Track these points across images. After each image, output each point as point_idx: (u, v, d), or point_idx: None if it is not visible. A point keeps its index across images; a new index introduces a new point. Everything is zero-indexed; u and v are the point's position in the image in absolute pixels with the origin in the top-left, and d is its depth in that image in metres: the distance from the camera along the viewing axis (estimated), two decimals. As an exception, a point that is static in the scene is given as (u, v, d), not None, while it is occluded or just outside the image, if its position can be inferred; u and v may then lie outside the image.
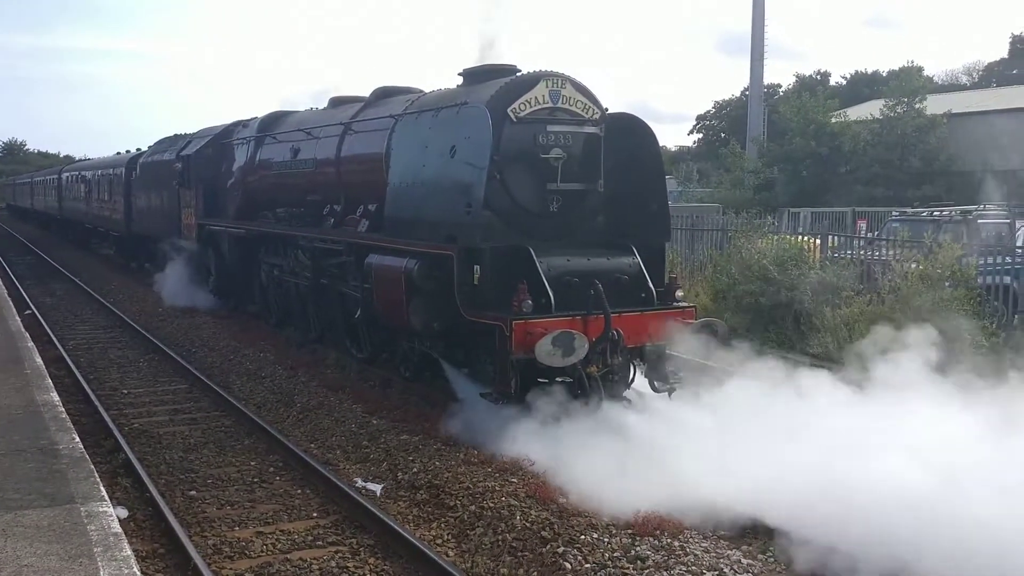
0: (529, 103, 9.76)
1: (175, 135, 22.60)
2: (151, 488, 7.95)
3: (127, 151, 28.73)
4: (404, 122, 11.26)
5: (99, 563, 4.09)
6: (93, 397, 11.36)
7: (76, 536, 4.43)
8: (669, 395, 9.62)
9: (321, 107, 15.54)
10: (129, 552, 4.22)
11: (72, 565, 4.10)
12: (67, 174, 38.64)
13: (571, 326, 8.82)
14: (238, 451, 9.48)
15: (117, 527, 4.62)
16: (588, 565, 6.35)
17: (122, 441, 9.45)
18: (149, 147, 24.50)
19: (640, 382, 9.86)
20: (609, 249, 10.03)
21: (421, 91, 12.34)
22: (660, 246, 10.58)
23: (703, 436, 8.00)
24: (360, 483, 8.37)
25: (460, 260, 9.20)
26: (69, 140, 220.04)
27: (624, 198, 10.36)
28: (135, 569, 4.05)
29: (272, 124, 16.26)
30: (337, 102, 14.63)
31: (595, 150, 10.14)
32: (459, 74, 11.01)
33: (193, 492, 8.20)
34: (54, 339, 15.41)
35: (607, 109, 10.30)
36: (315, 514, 7.68)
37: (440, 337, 10.17)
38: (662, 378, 9.73)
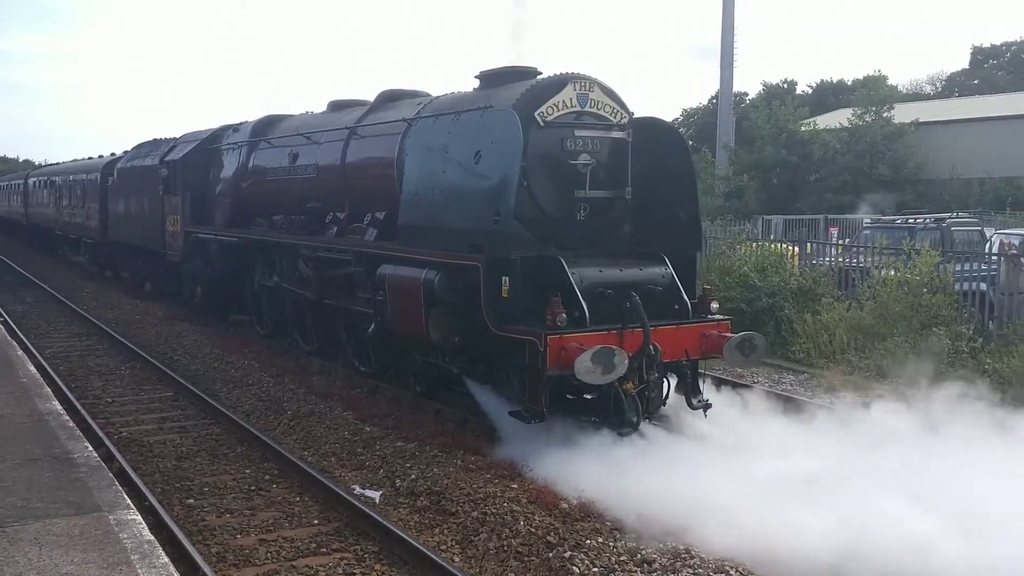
0: (556, 107, 9.40)
1: (155, 139, 22.07)
2: (149, 497, 7.86)
3: (100, 155, 28.32)
4: (419, 126, 10.75)
5: (139, 570, 4.08)
6: (78, 405, 11.23)
7: (110, 544, 4.42)
8: (704, 412, 9.33)
9: (317, 111, 15.05)
10: (166, 559, 4.22)
11: (112, 573, 4.09)
12: (34, 179, 37.98)
13: (607, 340, 8.42)
14: (232, 459, 9.43)
15: (149, 535, 4.62)
16: (596, 569, 6.42)
17: (114, 450, 9.35)
18: (127, 151, 24.02)
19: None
20: (641, 259, 9.63)
21: (428, 94, 12.04)
22: (691, 256, 10.23)
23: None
24: (358, 490, 8.38)
25: (488, 271, 8.75)
26: (30, 145, 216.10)
27: (651, 206, 10.00)
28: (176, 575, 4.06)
29: (266, 128, 15.70)
30: (337, 106, 14.20)
31: (623, 156, 9.79)
32: (476, 76, 10.62)
33: (191, 500, 8.16)
34: (31, 347, 15.17)
35: (633, 113, 9.97)
36: (316, 521, 7.67)
37: (460, 351, 9.70)
38: (696, 393, 9.43)
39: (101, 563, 4.25)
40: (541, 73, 10.02)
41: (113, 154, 26.04)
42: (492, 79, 10.37)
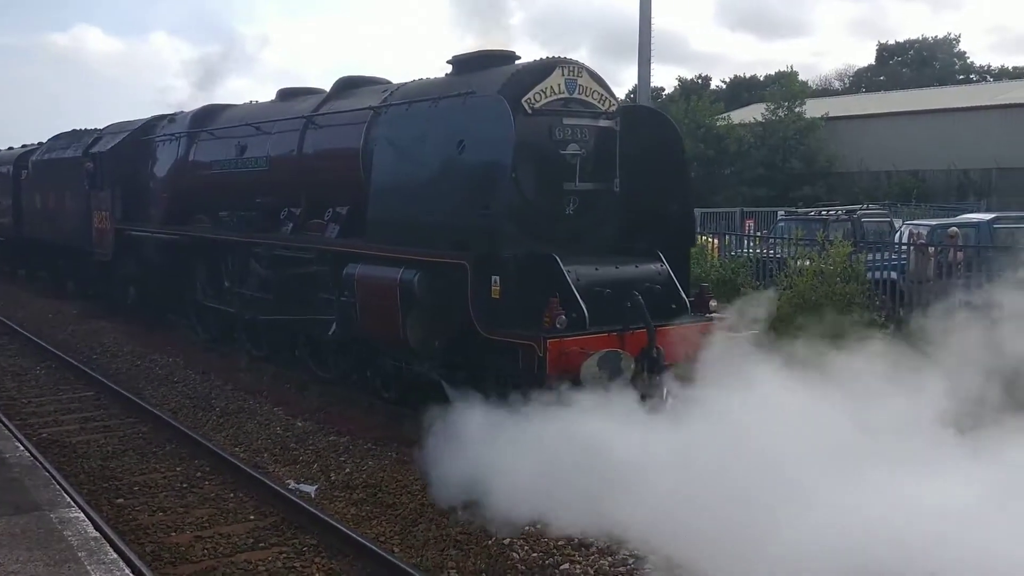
0: (544, 93, 8.81)
1: (74, 130, 20.91)
2: (76, 498, 7.69)
3: (10, 147, 27.06)
4: (390, 114, 9.97)
5: (88, 567, 4.03)
6: (-8, 407, 10.90)
7: (55, 542, 4.35)
8: None
9: (264, 100, 14.26)
10: (115, 555, 4.17)
11: (60, 571, 4.03)
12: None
13: (608, 343, 7.98)
14: (161, 457, 9.28)
15: (94, 532, 4.55)
16: (535, 555, 6.53)
17: (35, 452, 9.08)
18: (42, 143, 22.94)
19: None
20: (635, 255, 9.11)
21: (388, 81, 11.52)
22: (685, 251, 9.69)
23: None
24: (293, 485, 8.35)
25: (476, 270, 8.13)
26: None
27: (640, 199, 9.40)
28: (127, 571, 4.02)
29: (207, 118, 14.75)
30: (288, 94, 13.42)
31: (611, 146, 9.24)
32: (448, 61, 10.01)
33: (120, 500, 8.02)
34: (-66, 349, 14.66)
35: (622, 100, 9.34)
36: (252, 516, 7.62)
37: (439, 356, 9.03)
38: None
39: (47, 561, 4.18)
40: (520, 58, 9.58)
41: (25, 146, 24.84)
42: (467, 64, 9.75)
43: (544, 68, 9.03)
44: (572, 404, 7.34)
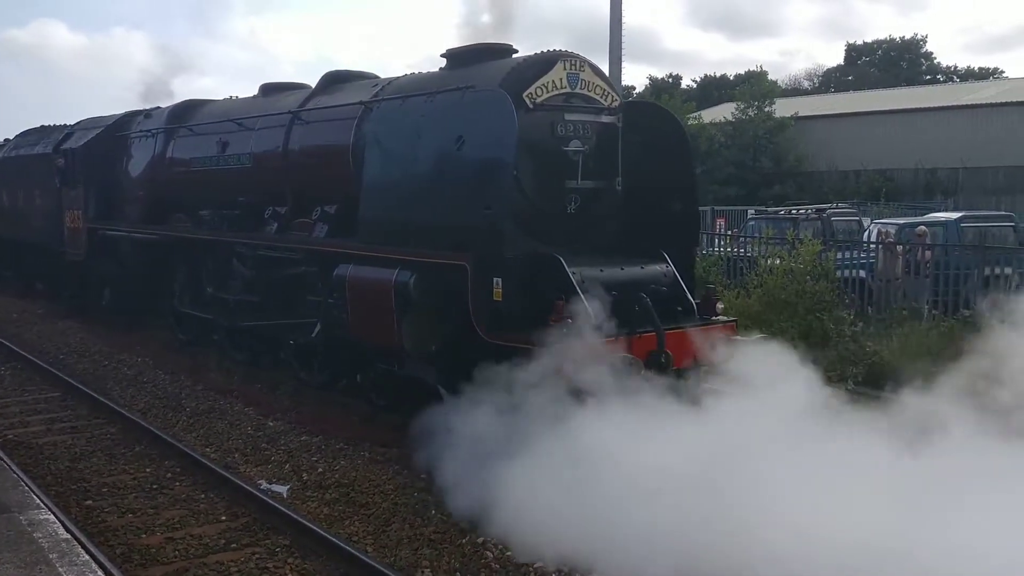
0: (546, 87, 8.52)
1: (43, 126, 20.42)
2: (45, 500, 7.57)
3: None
4: (382, 109, 9.59)
5: (59, 569, 3.97)
6: (-45, 409, 10.72)
7: (25, 544, 4.28)
8: None
9: (244, 95, 14.00)
10: (87, 557, 4.11)
11: (32, 573, 3.96)
12: None
13: (616, 348, 7.62)
14: (130, 458, 9.17)
15: (65, 533, 4.49)
16: (509, 552, 6.54)
17: (1, 453, 8.96)
18: (8, 140, 22.34)
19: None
20: (640, 256, 8.80)
21: (377, 76, 11.20)
22: (690, 253, 9.37)
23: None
24: (265, 485, 8.29)
25: (477, 271, 7.81)
26: None
27: (643, 197, 9.14)
28: (99, 573, 3.97)
29: (186, 114, 14.28)
30: (271, 89, 13.06)
31: (613, 143, 9.04)
32: (443, 55, 9.66)
33: (89, 502, 7.90)
34: None
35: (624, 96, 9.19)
36: (224, 517, 7.55)
37: (434, 361, 8.69)
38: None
39: (18, 563, 4.12)
40: (517, 51, 9.30)
41: None
42: (463, 57, 9.38)
43: (546, 62, 8.72)
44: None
